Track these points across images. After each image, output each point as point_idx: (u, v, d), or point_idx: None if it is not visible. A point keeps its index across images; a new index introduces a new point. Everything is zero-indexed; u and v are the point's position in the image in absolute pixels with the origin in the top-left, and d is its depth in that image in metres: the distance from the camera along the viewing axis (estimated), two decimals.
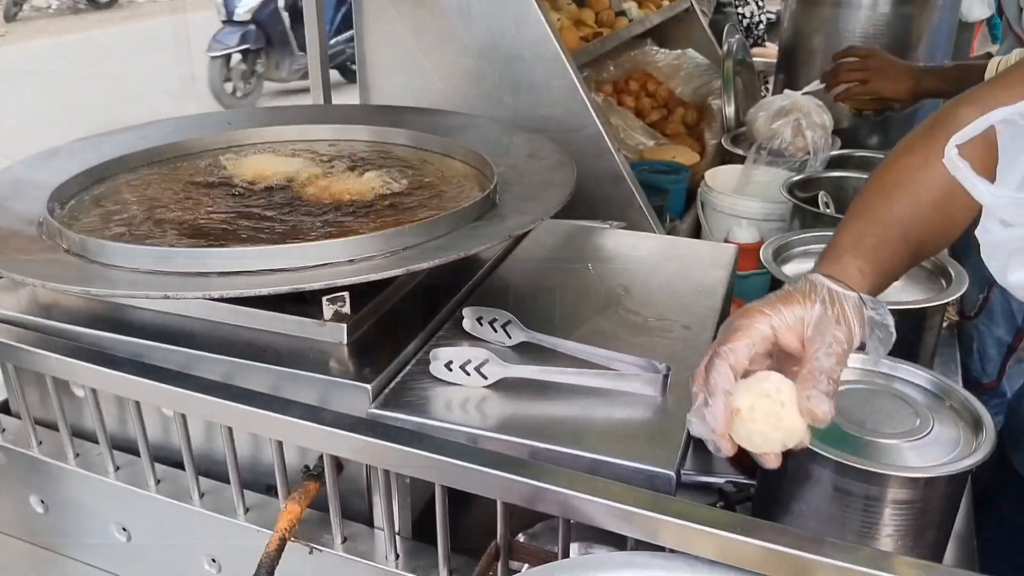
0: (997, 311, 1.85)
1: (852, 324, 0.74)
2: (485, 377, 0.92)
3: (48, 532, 1.13)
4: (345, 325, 0.95)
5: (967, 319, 1.89)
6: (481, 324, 1.00)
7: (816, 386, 0.72)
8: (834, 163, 1.91)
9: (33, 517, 1.13)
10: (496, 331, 1.00)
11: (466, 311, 1.01)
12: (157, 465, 1.02)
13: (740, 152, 1.95)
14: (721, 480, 1.27)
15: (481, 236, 1.00)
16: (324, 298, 0.94)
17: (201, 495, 1.00)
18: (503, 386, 0.92)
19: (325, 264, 0.92)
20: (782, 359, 0.78)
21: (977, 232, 0.63)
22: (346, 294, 0.94)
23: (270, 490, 1.01)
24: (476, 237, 0.99)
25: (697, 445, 0.83)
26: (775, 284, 1.32)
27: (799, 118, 1.85)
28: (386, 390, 0.91)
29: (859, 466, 0.92)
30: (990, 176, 0.79)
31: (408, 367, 0.95)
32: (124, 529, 1.06)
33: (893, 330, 0.77)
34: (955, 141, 0.58)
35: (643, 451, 0.82)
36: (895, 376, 1.09)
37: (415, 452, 0.80)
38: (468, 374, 0.92)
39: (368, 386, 0.89)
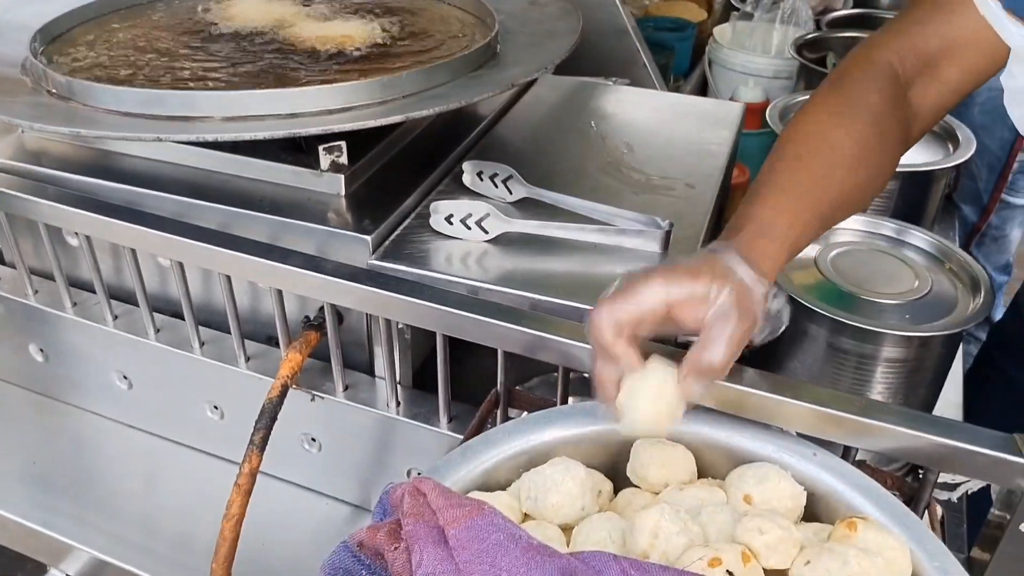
0: (966, 191, 1.85)
1: (757, 318, 0.68)
2: (486, 231, 0.91)
3: (49, 380, 1.15)
4: (343, 176, 0.93)
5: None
6: (482, 179, 0.98)
7: (698, 378, 0.67)
8: (845, 22, 1.85)
9: (33, 365, 1.14)
10: (497, 187, 0.98)
11: (466, 165, 0.99)
12: (156, 315, 1.02)
13: (748, 10, 1.88)
14: None
15: (483, 84, 0.96)
16: (320, 147, 0.91)
17: (201, 344, 1.00)
18: (504, 241, 0.91)
19: (321, 111, 0.89)
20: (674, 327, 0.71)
21: (1002, 77, 0.60)
22: (343, 144, 0.92)
23: (270, 340, 1.01)
24: (478, 86, 0.96)
25: None
26: None
27: None
28: (386, 242, 0.90)
29: (854, 323, 0.93)
30: None
31: (408, 220, 0.94)
32: (125, 377, 1.07)
33: (786, 320, 0.73)
34: None
35: None
36: (896, 238, 1.09)
37: (417, 302, 0.80)
38: (469, 228, 0.91)
39: (368, 238, 0.87)
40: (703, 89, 1.88)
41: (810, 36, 1.70)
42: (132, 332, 1.03)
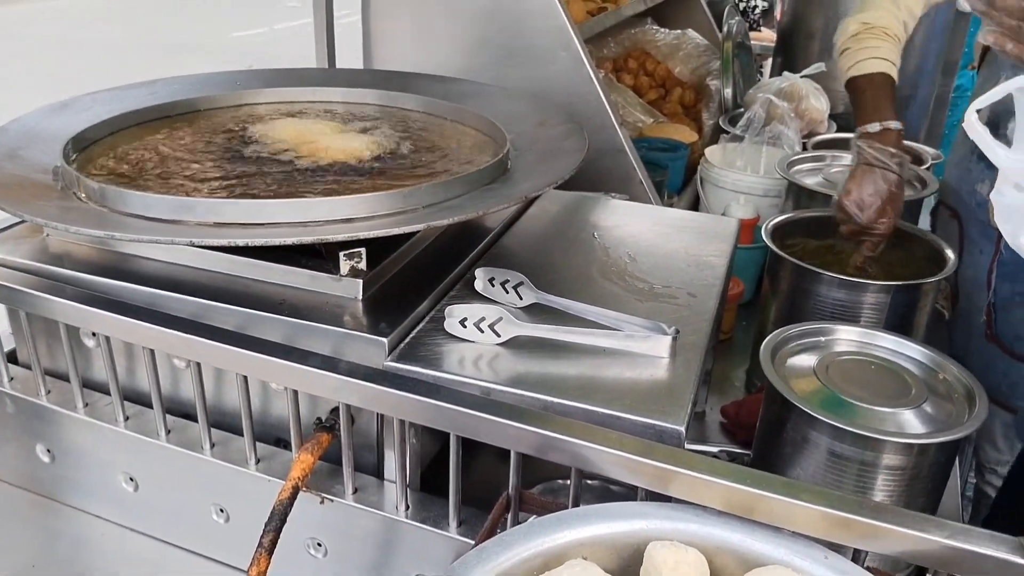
0: None
1: None
2: (498, 335, 0.94)
3: (53, 482, 1.14)
4: (361, 280, 0.96)
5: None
6: (493, 285, 1.02)
7: None
8: (829, 145, 1.95)
9: (38, 466, 1.14)
10: (508, 292, 1.02)
11: (478, 271, 1.03)
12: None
13: (737, 132, 1.98)
14: (715, 449, 1.30)
15: (496, 197, 1.01)
16: (341, 253, 0.95)
17: (212, 445, 1.01)
18: (515, 344, 0.94)
19: (344, 219, 0.93)
20: None
21: (992, 196, 0.65)
22: (363, 250, 0.95)
23: (278, 443, 1.02)
24: (491, 198, 1.01)
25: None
26: (772, 259, 1.35)
27: (798, 100, 1.87)
28: (401, 344, 0.92)
29: (855, 431, 0.95)
30: None
31: (422, 323, 0.97)
32: (131, 479, 1.07)
33: None
34: (975, 107, 0.61)
35: (653, 407, 0.84)
36: (891, 350, 1.12)
37: (432, 403, 0.82)
38: (482, 331, 0.94)
39: (384, 340, 0.90)
40: (695, 205, 1.95)
41: (797, 156, 1.78)
42: (143, 433, 1.03)
